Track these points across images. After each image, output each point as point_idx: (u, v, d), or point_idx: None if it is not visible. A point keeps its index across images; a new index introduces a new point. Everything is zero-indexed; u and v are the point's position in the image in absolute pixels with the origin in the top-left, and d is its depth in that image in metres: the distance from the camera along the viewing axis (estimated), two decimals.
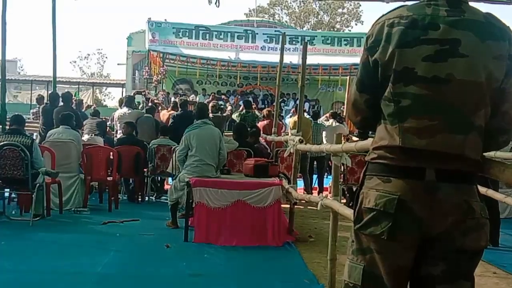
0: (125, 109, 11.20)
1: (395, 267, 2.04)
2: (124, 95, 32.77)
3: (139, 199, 9.88)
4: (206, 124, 7.33)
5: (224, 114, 11.67)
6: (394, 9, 2.10)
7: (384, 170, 2.04)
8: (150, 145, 9.77)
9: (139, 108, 13.56)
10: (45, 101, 13.17)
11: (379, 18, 2.10)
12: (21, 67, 59.94)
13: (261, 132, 10.02)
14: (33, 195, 7.38)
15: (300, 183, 10.83)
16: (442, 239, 1.99)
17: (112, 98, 53.00)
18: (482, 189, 4.29)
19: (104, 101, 53.92)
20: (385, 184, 2.02)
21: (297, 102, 8.53)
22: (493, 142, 2.10)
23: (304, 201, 6.65)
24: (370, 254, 2.06)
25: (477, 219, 2.01)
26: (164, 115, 11.88)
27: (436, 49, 1.96)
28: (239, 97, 23.37)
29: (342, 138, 8.73)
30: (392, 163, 2.02)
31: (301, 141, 6.38)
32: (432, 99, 1.96)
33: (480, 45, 1.97)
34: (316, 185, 11.60)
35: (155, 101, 15.60)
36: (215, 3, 10.99)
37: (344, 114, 13.50)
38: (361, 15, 47.40)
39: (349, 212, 3.40)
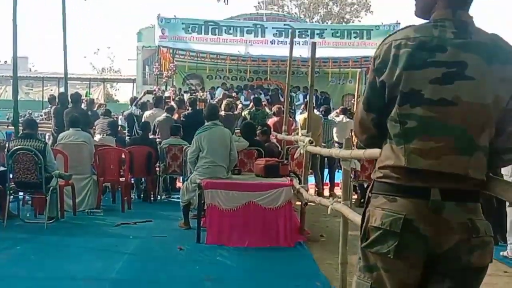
0: (162, 114, 11.18)
1: (402, 285, 2.08)
2: (135, 90, 33.02)
3: (152, 199, 9.97)
4: (216, 125, 7.38)
5: (236, 112, 11.70)
6: (401, 29, 2.13)
7: (390, 189, 2.09)
8: (162, 144, 9.86)
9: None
10: (56, 100, 13.30)
11: (386, 39, 2.13)
12: (32, 63, 60.36)
13: (272, 130, 10.03)
14: (47, 198, 7.49)
15: (312, 179, 10.88)
16: (448, 257, 2.03)
17: (123, 93, 53.33)
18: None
19: (115, 95, 54.23)
20: (391, 203, 2.07)
21: (307, 97, 8.52)
22: (498, 161, 2.15)
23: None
24: (377, 271, 2.11)
25: (481, 238, 2.05)
26: (175, 114, 11.93)
27: (443, 71, 1.98)
28: (250, 91, 23.39)
29: (353, 135, 8.78)
30: (398, 182, 2.06)
31: (311, 142, 6.42)
32: (438, 121, 2.00)
33: (487, 67, 2.00)
34: (327, 181, 11.61)
35: (171, 101, 15.56)
36: (224, 1, 11.02)
37: (355, 108, 13.46)
38: (370, 5, 47.13)
39: (358, 219, 3.43)
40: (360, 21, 46.14)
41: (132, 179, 9.85)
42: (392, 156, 2.08)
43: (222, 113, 10.74)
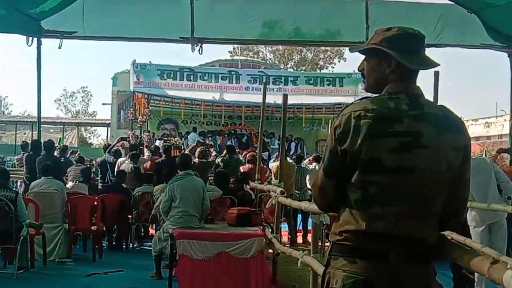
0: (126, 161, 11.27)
1: None
2: (109, 134, 32.93)
3: (124, 247, 9.90)
4: (189, 175, 7.45)
5: (210, 160, 11.78)
6: (357, 101, 2.24)
7: (350, 251, 2.17)
8: (134, 192, 9.86)
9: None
10: (29, 147, 13.23)
11: (344, 109, 2.23)
12: (6, 105, 59.95)
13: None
14: (17, 248, 7.40)
15: (285, 226, 10.92)
16: None
17: (97, 136, 53.14)
18: (460, 238, 4.45)
19: (90, 138, 54.01)
20: (352, 265, 2.14)
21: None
22: (448, 224, 2.28)
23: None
24: None
25: None
26: (147, 162, 11.95)
27: (401, 140, 2.10)
28: (226, 136, 23.55)
29: None
30: (358, 245, 2.15)
31: (282, 193, 6.49)
32: (396, 188, 2.11)
33: (440, 137, 2.13)
34: (301, 227, 11.65)
35: (144, 148, 15.59)
36: (198, 51, 11.20)
37: None
38: (344, 52, 47.74)
39: None
40: (333, 67, 47.01)
41: (104, 227, 9.79)
42: (351, 221, 2.16)
43: (196, 160, 10.81)
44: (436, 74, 6.80)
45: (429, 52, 2.28)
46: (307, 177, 11.51)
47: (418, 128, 2.12)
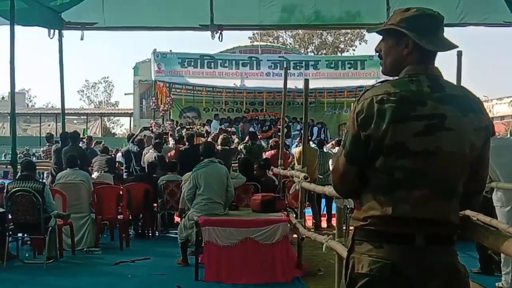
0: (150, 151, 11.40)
1: None
2: (132, 124, 33.20)
3: (150, 235, 10.03)
4: (213, 162, 7.49)
5: (232, 147, 11.81)
6: (378, 84, 2.23)
7: (376, 236, 2.16)
8: (159, 181, 9.95)
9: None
10: (54, 138, 13.44)
11: (364, 93, 2.21)
12: (29, 98, 60.76)
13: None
14: (46, 238, 7.55)
15: (309, 211, 10.95)
16: None
17: (120, 125, 53.63)
18: (486, 219, 4.42)
19: (113, 128, 54.51)
20: (378, 249, 2.14)
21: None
22: (469, 203, 2.29)
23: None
24: None
25: (461, 279, 2.17)
26: (171, 150, 12.03)
27: (425, 124, 2.09)
28: (247, 123, 23.61)
29: None
30: (383, 229, 2.14)
31: (305, 178, 6.52)
32: (421, 171, 2.11)
33: (463, 118, 2.12)
34: (325, 212, 11.67)
35: (169, 137, 15.70)
36: (218, 38, 11.20)
37: None
38: (364, 35, 47.51)
39: None
40: (354, 50, 46.75)
41: (130, 216, 9.91)
42: (376, 206, 2.16)
43: (219, 147, 10.85)
44: (459, 54, 6.74)
45: (451, 32, 2.26)
46: (330, 162, 11.48)
47: (441, 110, 2.11)
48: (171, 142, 13.77)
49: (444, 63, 2.28)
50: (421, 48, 2.19)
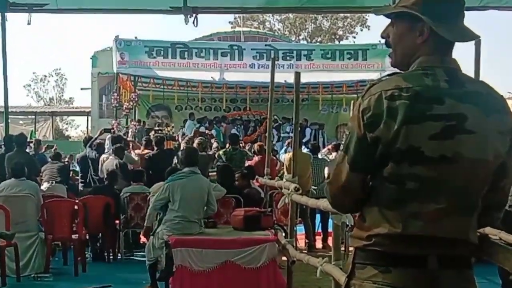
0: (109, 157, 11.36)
1: None
2: (89, 125, 33.04)
3: (110, 258, 9.99)
4: (194, 173, 7.47)
5: (210, 153, 11.82)
6: (386, 78, 2.22)
7: (381, 258, 2.15)
8: (122, 193, 9.92)
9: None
10: None
11: (371, 88, 2.19)
12: None
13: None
14: None
15: (301, 229, 10.95)
16: None
17: (76, 127, 53.27)
18: (510, 238, 4.46)
19: (67, 130, 54.13)
20: (384, 274, 2.13)
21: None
22: (489, 219, 2.29)
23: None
24: None
25: None
26: (136, 157, 12.01)
27: (443, 125, 2.08)
28: (230, 124, 23.59)
29: None
30: (391, 251, 2.13)
31: (296, 190, 6.51)
32: (438, 181, 2.10)
33: (486, 119, 2.12)
34: (320, 229, 11.69)
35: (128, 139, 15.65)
36: (193, 22, 11.19)
37: None
38: (367, 19, 47.37)
39: None
40: (354, 37, 46.81)
41: (87, 235, 9.86)
42: (383, 222, 2.14)
43: None
44: (477, 43, 6.78)
45: (469, 16, 2.25)
46: (326, 170, 11.51)
47: (461, 110, 2.09)
48: (133, 153, 13.46)
49: (459, 52, 2.28)
50: (438, 37, 2.18)
